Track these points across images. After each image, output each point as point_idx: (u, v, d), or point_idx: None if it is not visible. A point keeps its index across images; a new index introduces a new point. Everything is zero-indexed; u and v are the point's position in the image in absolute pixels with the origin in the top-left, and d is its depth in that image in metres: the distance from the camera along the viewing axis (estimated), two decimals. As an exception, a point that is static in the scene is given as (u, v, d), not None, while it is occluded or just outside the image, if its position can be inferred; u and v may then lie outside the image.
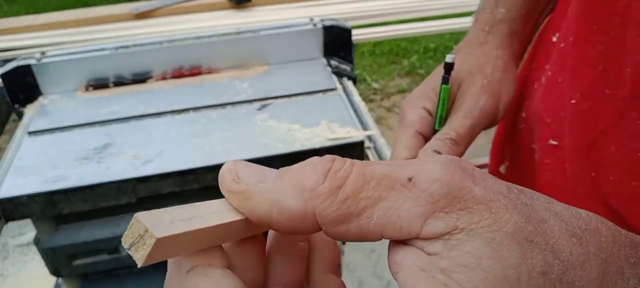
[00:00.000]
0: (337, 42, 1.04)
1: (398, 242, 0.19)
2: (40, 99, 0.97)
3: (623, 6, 0.40)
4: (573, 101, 0.46)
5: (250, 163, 0.22)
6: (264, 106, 0.91)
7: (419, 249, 0.18)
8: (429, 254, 0.18)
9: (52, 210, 0.74)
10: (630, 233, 0.20)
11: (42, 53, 0.97)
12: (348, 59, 1.06)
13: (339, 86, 0.96)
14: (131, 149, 0.80)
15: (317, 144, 0.78)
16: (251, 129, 0.84)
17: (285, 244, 0.23)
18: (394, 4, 1.38)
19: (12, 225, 0.76)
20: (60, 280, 0.87)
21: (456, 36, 3.51)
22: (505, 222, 0.17)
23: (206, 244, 0.20)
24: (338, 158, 0.20)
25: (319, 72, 1.01)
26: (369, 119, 0.86)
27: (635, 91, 0.41)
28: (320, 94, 0.94)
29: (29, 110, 0.94)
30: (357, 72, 3.16)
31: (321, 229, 0.19)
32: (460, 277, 0.17)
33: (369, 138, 0.83)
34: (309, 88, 0.95)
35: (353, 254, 2.13)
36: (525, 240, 0.17)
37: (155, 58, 1.00)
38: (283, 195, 0.19)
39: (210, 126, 0.85)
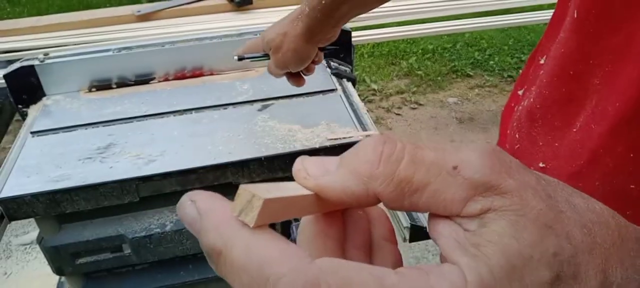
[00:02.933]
0: (336, 43, 1.04)
1: (440, 216, 0.22)
2: (44, 100, 0.97)
3: (620, 41, 0.42)
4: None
5: (315, 158, 0.25)
6: (264, 107, 0.91)
7: (457, 224, 0.22)
8: (465, 230, 0.21)
9: (55, 209, 0.75)
10: (638, 228, 0.23)
11: (46, 54, 0.98)
12: (347, 60, 1.07)
13: (338, 87, 0.97)
14: (134, 149, 0.81)
15: (317, 143, 0.79)
16: (252, 129, 0.85)
17: (350, 215, 0.27)
18: (392, 7, 1.39)
19: (15, 224, 0.76)
20: (63, 278, 0.87)
21: (453, 37, 3.53)
22: (530, 209, 0.21)
23: (297, 213, 0.23)
24: (389, 140, 0.23)
25: (319, 73, 1.02)
26: (368, 119, 0.87)
27: (617, 127, 0.43)
28: (320, 95, 0.95)
29: (33, 111, 0.95)
30: (356, 73, 3.18)
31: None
32: (485, 249, 0.20)
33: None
34: (309, 89, 0.96)
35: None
36: (544, 226, 0.21)
37: (158, 59, 1.01)
38: (347, 182, 0.23)
39: (212, 126, 0.86)
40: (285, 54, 0.73)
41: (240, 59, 0.78)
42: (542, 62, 0.56)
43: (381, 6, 0.80)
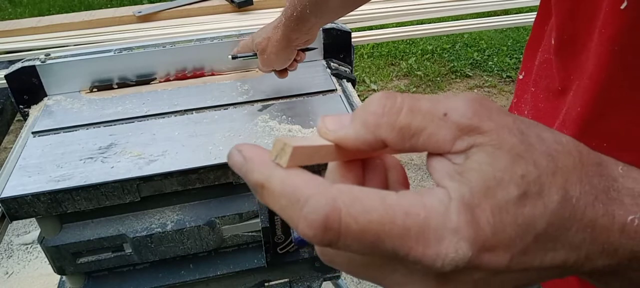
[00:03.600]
0: (336, 44, 1.05)
1: (435, 154, 0.28)
2: (45, 100, 0.98)
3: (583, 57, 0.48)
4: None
5: (333, 115, 0.30)
6: (265, 107, 0.92)
7: (448, 160, 0.27)
8: (454, 163, 0.27)
9: (56, 209, 0.75)
10: (600, 155, 0.29)
11: (47, 54, 0.98)
12: (347, 61, 1.07)
13: (338, 87, 0.98)
14: (135, 149, 0.82)
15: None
16: (252, 129, 0.85)
17: (369, 163, 0.33)
18: (392, 8, 1.39)
19: (16, 224, 0.77)
20: (64, 278, 0.88)
21: (453, 38, 3.53)
22: (505, 143, 0.26)
23: (321, 160, 0.29)
24: (390, 95, 0.28)
25: (319, 73, 1.02)
26: (368, 119, 0.88)
27: (582, 130, 0.47)
28: (320, 95, 0.95)
29: (34, 111, 0.96)
30: (356, 73, 3.18)
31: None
32: (467, 175, 0.26)
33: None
34: (309, 89, 0.96)
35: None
36: (516, 155, 0.26)
37: (159, 60, 1.01)
38: (359, 132, 0.28)
39: (213, 126, 0.87)
40: (269, 55, 0.86)
41: (234, 57, 0.92)
42: (521, 77, 0.62)
43: (381, 7, 0.83)
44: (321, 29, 1.02)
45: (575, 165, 0.27)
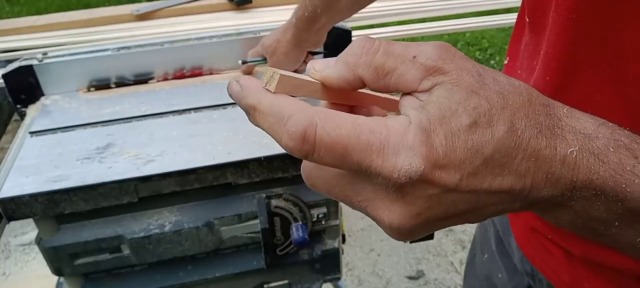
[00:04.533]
0: (337, 43, 1.04)
1: (405, 93, 0.32)
2: (42, 99, 0.97)
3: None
4: None
5: (320, 59, 0.34)
6: (264, 106, 0.91)
7: (415, 97, 0.31)
8: (420, 100, 0.30)
9: (54, 209, 0.75)
10: (549, 99, 0.32)
11: (44, 54, 0.98)
12: (348, 60, 1.06)
13: (338, 87, 0.97)
14: (133, 149, 0.81)
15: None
16: (252, 129, 0.84)
17: (356, 111, 0.37)
18: (392, 6, 1.39)
19: (14, 225, 0.76)
20: (62, 279, 0.87)
21: (454, 37, 3.53)
22: (462, 81, 0.30)
23: (307, 94, 0.33)
24: (369, 39, 0.32)
25: (319, 72, 1.01)
26: (368, 119, 0.87)
27: None
28: (320, 95, 0.95)
29: (31, 111, 0.95)
30: (357, 73, 3.18)
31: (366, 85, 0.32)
32: (427, 106, 0.29)
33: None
34: (309, 89, 0.96)
35: (352, 253, 2.13)
36: (470, 91, 0.29)
37: (157, 59, 1.00)
38: (340, 71, 0.32)
39: (212, 126, 0.86)
40: (279, 57, 0.88)
41: (244, 62, 0.95)
42: (506, 62, 0.67)
43: (382, 5, 0.86)
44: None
45: (524, 103, 0.30)
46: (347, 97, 0.35)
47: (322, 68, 0.33)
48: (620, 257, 0.53)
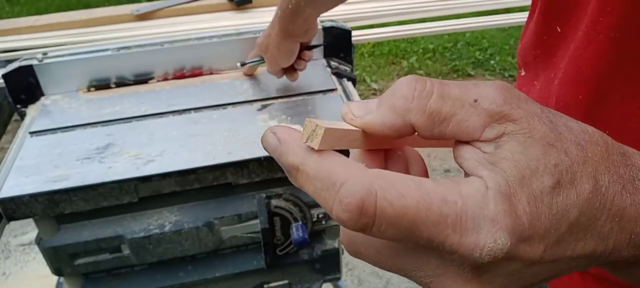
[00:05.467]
0: (337, 43, 1.04)
1: (463, 142, 0.28)
2: (42, 99, 0.97)
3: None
4: None
5: (357, 102, 0.30)
6: (264, 106, 0.91)
7: (477, 148, 0.27)
8: (484, 152, 0.27)
9: (54, 209, 0.75)
10: (623, 145, 0.29)
11: (44, 54, 0.98)
12: (348, 60, 1.06)
13: (338, 87, 0.97)
14: (133, 149, 0.81)
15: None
16: (252, 129, 0.84)
17: (391, 154, 0.33)
18: (393, 6, 1.39)
19: (14, 225, 0.76)
20: (62, 279, 0.87)
21: (454, 37, 3.52)
22: (536, 132, 0.26)
23: (350, 145, 0.29)
24: (420, 79, 0.28)
25: (319, 72, 1.01)
26: (368, 119, 0.87)
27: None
28: (320, 95, 0.95)
29: (31, 111, 0.95)
30: (356, 72, 3.18)
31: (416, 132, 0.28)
32: (501, 165, 0.26)
33: (369, 138, 0.83)
34: (308, 89, 0.96)
35: (353, 254, 2.13)
36: (547, 144, 0.26)
37: (157, 59, 1.00)
38: (387, 117, 0.28)
39: (212, 126, 0.86)
40: (272, 51, 0.88)
41: (242, 64, 0.95)
42: (522, 74, 0.64)
43: (382, 5, 0.85)
44: (321, 27, 1.02)
45: (603, 154, 0.27)
46: (389, 144, 0.32)
47: (362, 113, 0.29)
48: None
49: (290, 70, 0.94)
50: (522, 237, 0.25)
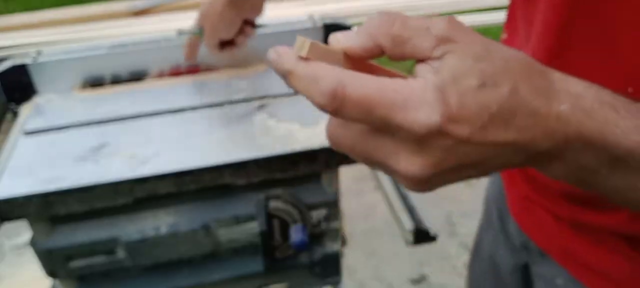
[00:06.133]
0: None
1: (419, 61, 0.36)
2: (36, 98, 0.96)
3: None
4: None
5: (343, 31, 0.38)
6: (262, 105, 0.90)
7: (428, 64, 0.36)
8: (433, 66, 0.35)
9: (48, 211, 0.74)
10: (544, 66, 0.38)
11: (38, 52, 0.97)
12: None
13: (338, 86, 0.96)
14: (128, 149, 0.80)
15: (316, 143, 0.78)
16: (250, 128, 0.84)
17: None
18: (392, 2, 1.37)
19: (7, 226, 0.75)
20: (56, 281, 0.86)
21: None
22: (470, 50, 0.35)
23: (333, 62, 0.37)
24: (389, 13, 0.37)
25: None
26: (369, 119, 0.86)
27: None
28: (320, 94, 0.93)
29: (25, 110, 0.94)
30: (354, 70, 3.17)
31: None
32: (441, 70, 0.34)
33: (369, 138, 0.82)
34: (308, 88, 0.94)
35: (354, 256, 2.11)
36: (478, 58, 0.35)
37: (153, 56, 0.99)
38: (362, 40, 0.37)
39: (209, 126, 0.85)
40: (213, 18, 0.88)
41: (181, 34, 0.96)
42: (505, 37, 0.71)
43: (382, 3, 0.89)
44: (321, 25, 1.01)
45: (524, 68, 0.36)
46: (365, 69, 0.38)
47: (345, 39, 0.38)
48: (603, 216, 0.61)
49: (230, 45, 0.93)
50: (451, 118, 0.34)
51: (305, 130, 0.81)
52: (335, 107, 0.34)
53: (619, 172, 0.38)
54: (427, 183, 0.37)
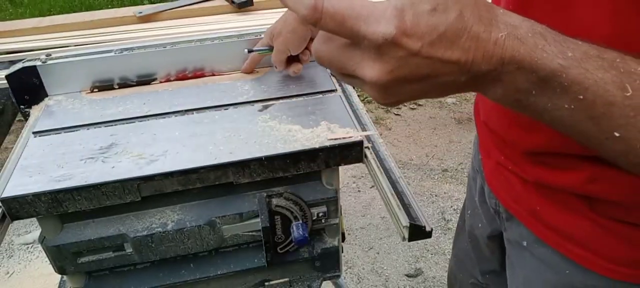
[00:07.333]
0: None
1: None
2: (46, 100, 0.98)
3: None
4: None
5: None
6: (265, 107, 0.92)
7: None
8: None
9: (57, 208, 0.75)
10: (491, 3, 0.45)
11: (48, 55, 0.98)
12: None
13: (338, 87, 0.98)
14: (136, 149, 0.82)
15: (317, 144, 0.79)
16: (253, 129, 0.85)
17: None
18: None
19: (17, 224, 0.77)
20: (65, 277, 0.88)
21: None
22: None
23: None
24: None
25: (319, 73, 1.02)
26: (367, 119, 0.88)
27: None
28: (320, 95, 0.95)
29: (35, 111, 0.96)
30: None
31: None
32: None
33: (368, 138, 0.84)
34: (309, 89, 0.96)
35: (352, 251, 2.14)
36: None
37: (159, 60, 1.01)
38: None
39: (213, 127, 0.87)
40: (286, 35, 0.91)
41: (250, 51, 0.97)
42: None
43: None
44: (321, 29, 1.02)
45: (471, 1, 0.43)
46: None
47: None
48: (563, 176, 0.68)
49: (294, 61, 0.96)
50: (405, 32, 0.41)
51: (305, 131, 0.83)
52: (316, 18, 0.43)
53: (547, 92, 0.44)
54: (386, 90, 0.45)
